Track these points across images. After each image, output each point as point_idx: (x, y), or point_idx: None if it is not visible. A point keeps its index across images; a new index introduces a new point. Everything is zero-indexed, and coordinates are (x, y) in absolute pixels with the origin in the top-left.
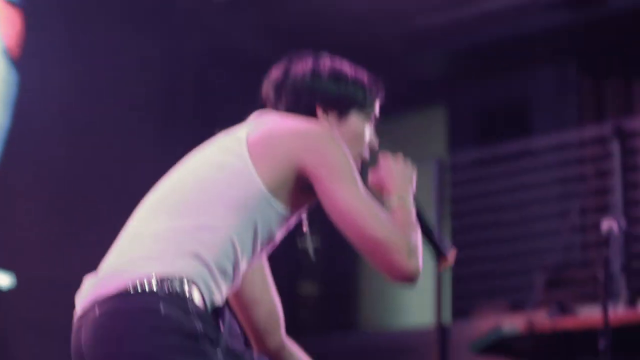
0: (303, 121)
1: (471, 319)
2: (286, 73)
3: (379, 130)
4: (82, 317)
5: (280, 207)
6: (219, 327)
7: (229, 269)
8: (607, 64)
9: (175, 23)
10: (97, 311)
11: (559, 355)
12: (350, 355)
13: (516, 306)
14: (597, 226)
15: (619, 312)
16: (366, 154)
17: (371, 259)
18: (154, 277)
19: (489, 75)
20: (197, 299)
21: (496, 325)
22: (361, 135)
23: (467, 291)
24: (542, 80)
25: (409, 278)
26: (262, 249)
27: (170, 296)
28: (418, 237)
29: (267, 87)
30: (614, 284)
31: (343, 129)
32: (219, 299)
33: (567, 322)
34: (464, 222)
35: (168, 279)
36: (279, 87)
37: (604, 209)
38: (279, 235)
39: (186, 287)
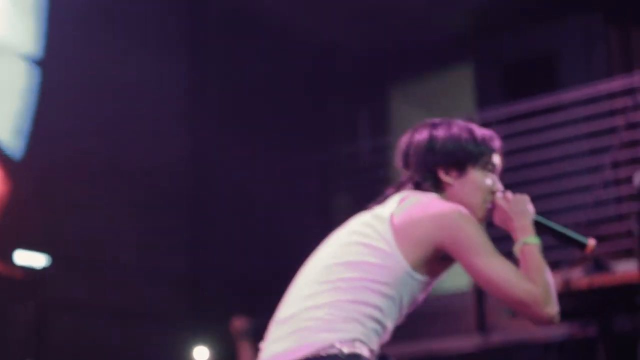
0: (439, 203)
1: None
2: (410, 142)
3: (408, 90)
4: None
5: (422, 278)
6: None
7: (380, 330)
8: (633, 13)
9: None
10: None
11: (596, 312)
12: None
13: (552, 265)
14: (629, 179)
15: None
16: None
17: (518, 312)
18: (337, 342)
19: (515, 30)
20: (365, 353)
21: None
22: (481, 186)
23: (503, 252)
24: (568, 33)
25: (550, 322)
26: (407, 309)
27: (349, 355)
28: (548, 277)
29: (397, 155)
30: None
31: (464, 183)
32: (377, 351)
33: (604, 279)
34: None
35: (345, 342)
36: (405, 156)
37: (636, 162)
38: (422, 297)
39: (358, 346)
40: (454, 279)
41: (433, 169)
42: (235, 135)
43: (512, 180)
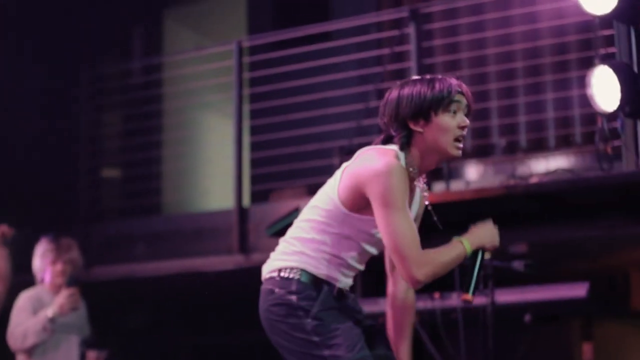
0: (379, 158)
1: (270, 202)
2: (385, 101)
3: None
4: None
5: (359, 215)
6: (315, 299)
7: (334, 259)
8: None
9: None
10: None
11: None
12: (153, 238)
13: (314, 189)
14: None
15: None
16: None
17: (396, 263)
18: (279, 269)
19: None
20: (301, 277)
21: (294, 209)
22: (446, 127)
23: (266, 175)
24: None
25: (414, 284)
26: (371, 241)
27: (282, 278)
28: (440, 265)
29: (379, 114)
30: None
31: (432, 128)
32: (342, 275)
33: None
34: (263, 105)
35: (285, 269)
36: (382, 114)
37: None
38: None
39: (295, 272)
40: (219, 199)
41: (403, 121)
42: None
43: (281, 104)
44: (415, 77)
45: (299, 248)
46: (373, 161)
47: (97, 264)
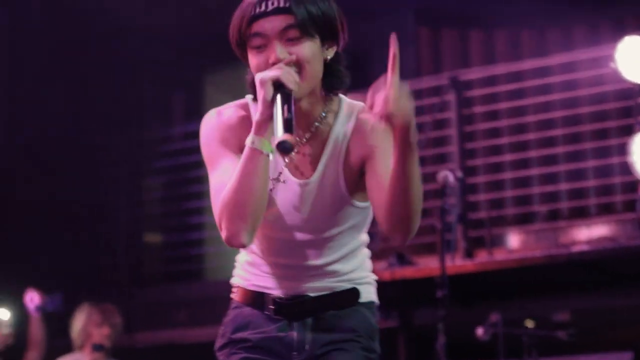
0: None
1: None
2: None
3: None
4: None
5: None
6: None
7: (251, 257)
8: (443, 15)
9: None
10: None
11: (398, 304)
12: (194, 304)
13: None
14: (433, 176)
15: (457, 262)
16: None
17: None
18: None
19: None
20: (237, 297)
21: None
22: (254, 70)
23: None
24: (378, 31)
25: (228, 244)
26: (276, 220)
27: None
28: (229, 199)
29: None
30: (451, 234)
31: (250, 75)
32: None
33: (406, 272)
34: None
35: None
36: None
37: (440, 159)
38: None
39: (234, 289)
40: None
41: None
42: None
43: None
44: None
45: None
46: None
47: (138, 330)
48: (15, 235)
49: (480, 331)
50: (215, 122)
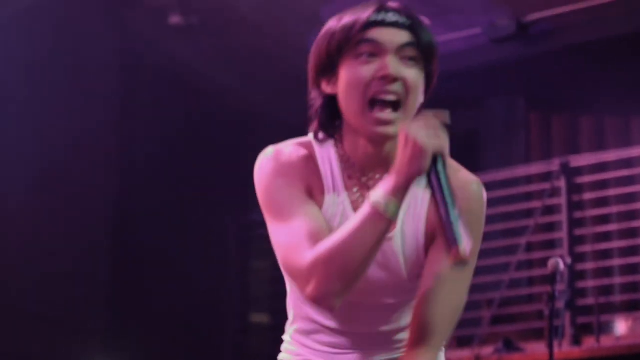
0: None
1: None
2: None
3: None
4: None
5: None
6: None
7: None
8: (554, 100)
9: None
10: None
11: None
12: None
13: (463, 341)
14: (543, 262)
15: (564, 348)
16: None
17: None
18: None
19: (439, 109)
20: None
21: None
22: (351, 81)
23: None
24: (489, 115)
25: (316, 302)
26: None
27: None
28: (331, 249)
29: None
30: (559, 321)
31: (339, 87)
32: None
33: (513, 358)
34: None
35: None
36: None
37: (549, 245)
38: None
39: None
40: None
41: (316, 83)
42: (161, 192)
43: None
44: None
45: None
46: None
47: None
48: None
49: None
50: (276, 163)
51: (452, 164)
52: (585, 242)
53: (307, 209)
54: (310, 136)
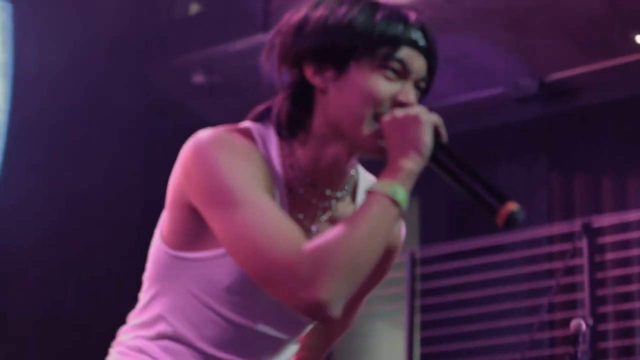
0: (196, 136)
1: None
2: (277, 30)
3: None
4: None
5: (188, 254)
6: None
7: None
8: (576, 160)
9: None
10: None
11: None
12: None
13: None
14: (565, 323)
15: None
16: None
17: (273, 293)
18: None
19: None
20: None
21: None
22: (370, 92)
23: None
24: (511, 175)
25: (319, 311)
26: (232, 295)
27: None
28: (345, 247)
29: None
30: None
31: (343, 87)
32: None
33: None
34: (433, 316)
35: None
36: (269, 43)
37: (571, 305)
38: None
39: None
40: None
41: (298, 62)
42: None
43: (452, 316)
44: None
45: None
46: (185, 147)
47: None
48: None
49: None
50: (230, 145)
51: (360, 168)
52: (607, 303)
53: (272, 200)
54: (246, 123)
